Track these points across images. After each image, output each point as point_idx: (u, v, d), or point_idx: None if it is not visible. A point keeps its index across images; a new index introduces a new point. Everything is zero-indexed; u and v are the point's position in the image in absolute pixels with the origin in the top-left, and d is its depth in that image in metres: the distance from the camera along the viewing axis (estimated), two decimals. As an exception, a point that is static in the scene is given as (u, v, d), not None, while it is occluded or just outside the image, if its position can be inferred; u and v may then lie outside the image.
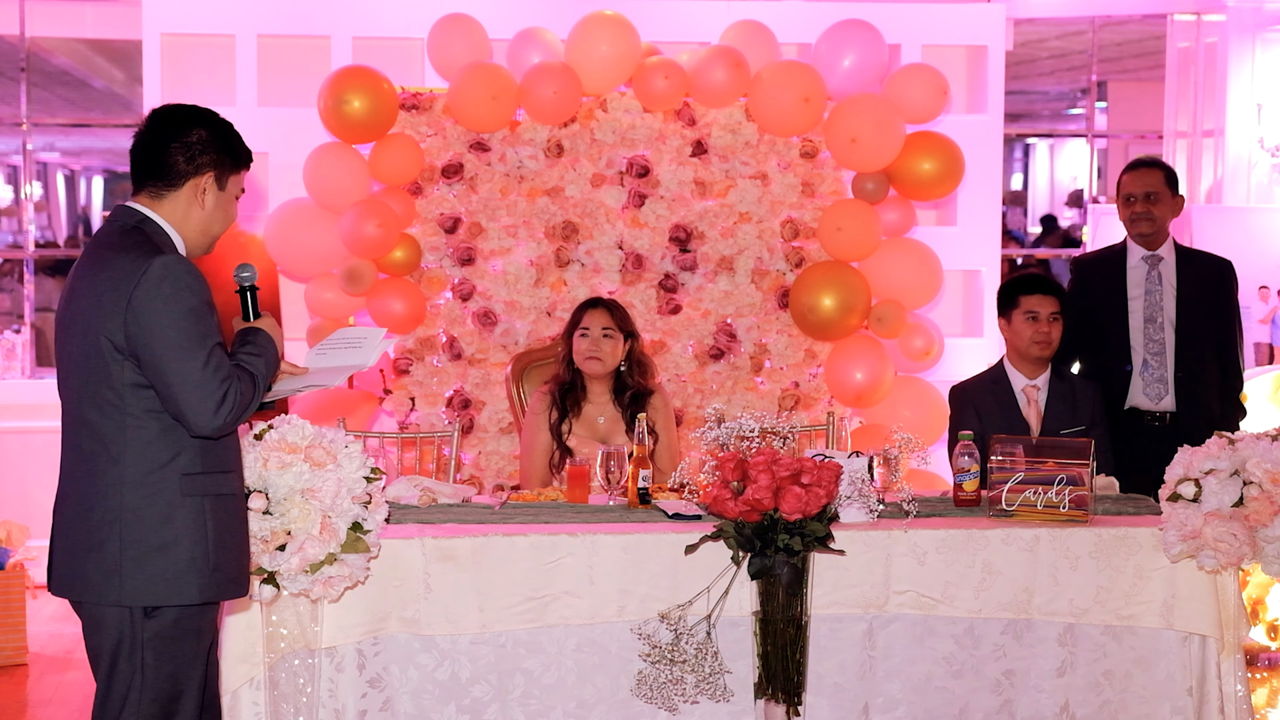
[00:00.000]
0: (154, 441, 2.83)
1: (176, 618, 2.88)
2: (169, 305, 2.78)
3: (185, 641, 2.90)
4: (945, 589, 3.69)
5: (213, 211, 2.98)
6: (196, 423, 2.80)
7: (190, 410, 2.79)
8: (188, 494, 2.85)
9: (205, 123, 2.98)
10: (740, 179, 5.97)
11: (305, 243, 5.78)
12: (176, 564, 2.83)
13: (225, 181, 2.99)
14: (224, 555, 2.91)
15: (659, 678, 3.42)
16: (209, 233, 3.00)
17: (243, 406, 2.86)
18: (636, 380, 4.65)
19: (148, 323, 2.78)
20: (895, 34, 6.58)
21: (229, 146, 2.99)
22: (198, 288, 2.82)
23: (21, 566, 5.54)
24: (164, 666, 2.87)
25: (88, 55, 9.94)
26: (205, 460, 2.88)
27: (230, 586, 2.96)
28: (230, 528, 2.94)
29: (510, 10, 6.29)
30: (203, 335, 2.80)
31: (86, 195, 17.67)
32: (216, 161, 2.96)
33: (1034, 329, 4.55)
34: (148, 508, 2.82)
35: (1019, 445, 3.87)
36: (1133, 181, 4.84)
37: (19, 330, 7.15)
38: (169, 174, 2.93)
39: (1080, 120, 14.14)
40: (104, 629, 2.87)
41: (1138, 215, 4.82)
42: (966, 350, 6.67)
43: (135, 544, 2.82)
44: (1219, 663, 3.74)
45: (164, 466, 2.83)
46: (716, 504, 3.43)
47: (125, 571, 2.82)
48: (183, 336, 2.78)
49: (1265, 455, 3.66)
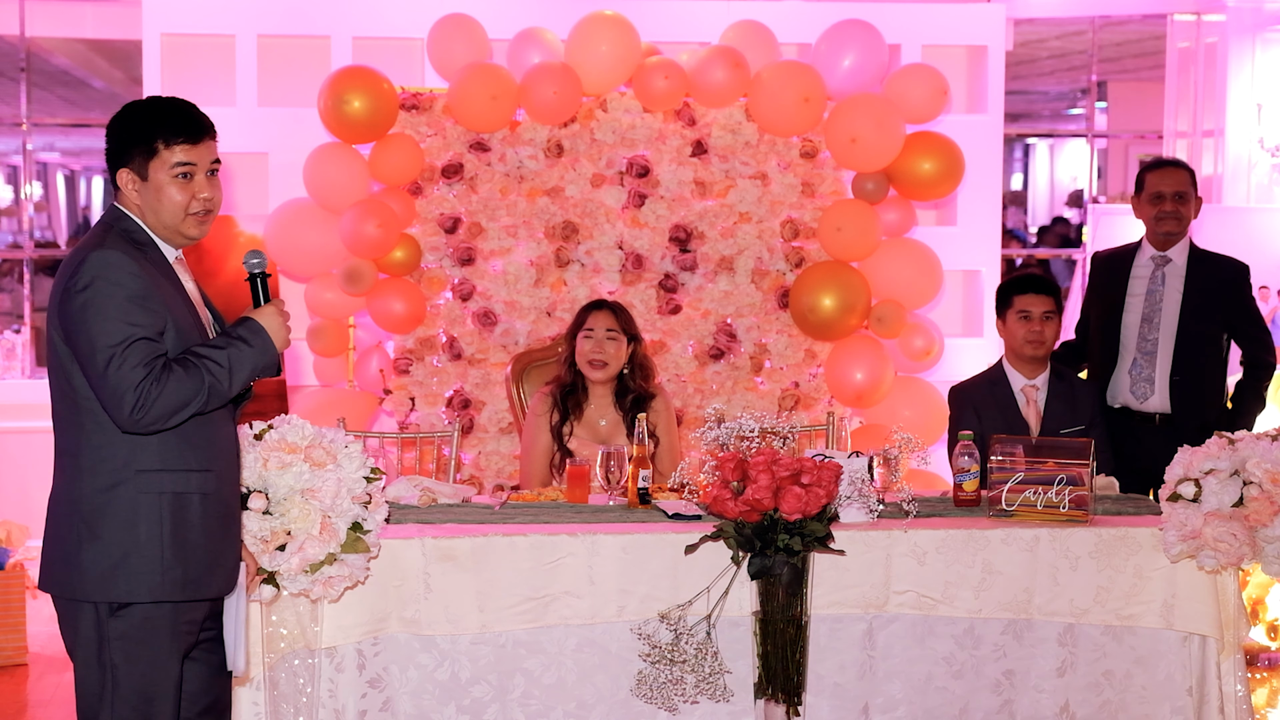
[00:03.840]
0: (112, 439, 2.80)
1: (144, 617, 2.83)
2: (91, 301, 2.75)
3: (155, 642, 2.85)
4: (945, 589, 3.69)
5: (150, 201, 2.89)
6: (117, 420, 2.75)
7: (108, 407, 2.75)
8: (144, 492, 2.81)
9: (115, 119, 2.93)
10: (740, 179, 5.97)
11: (305, 243, 5.78)
12: (134, 562, 2.80)
13: (146, 169, 2.88)
14: (183, 555, 2.84)
15: (659, 678, 3.42)
16: (164, 223, 2.90)
17: (173, 404, 2.75)
18: (639, 384, 4.63)
19: (73, 319, 2.77)
20: (895, 34, 6.58)
21: (128, 137, 2.89)
22: (125, 281, 2.76)
23: (21, 566, 5.54)
24: (134, 667, 2.83)
25: (88, 55, 9.94)
26: (164, 458, 2.83)
27: (189, 587, 2.87)
28: (192, 527, 2.86)
29: (510, 10, 6.29)
30: (121, 331, 2.73)
31: (86, 195, 17.68)
32: (123, 155, 2.90)
33: (1027, 328, 4.55)
34: (106, 505, 2.81)
35: (1019, 445, 3.87)
36: (1163, 180, 4.81)
37: (19, 330, 7.15)
38: (110, 174, 2.94)
39: (1080, 120, 14.14)
40: (72, 626, 2.86)
41: (1166, 214, 4.79)
42: (966, 350, 6.68)
43: (95, 541, 2.80)
44: (1219, 663, 3.74)
45: (124, 465, 2.80)
46: (716, 504, 3.43)
47: (86, 568, 2.81)
48: (98, 333, 2.74)
49: (1265, 455, 3.66)
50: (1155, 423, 4.77)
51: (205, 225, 2.96)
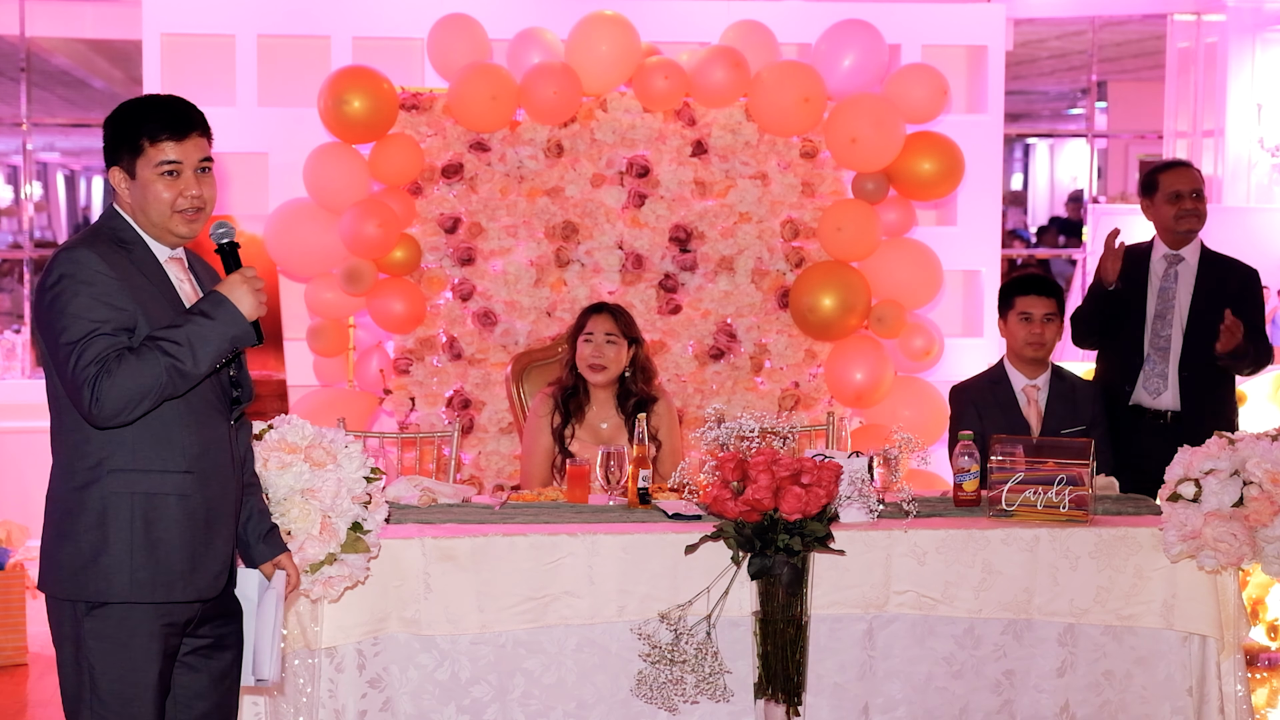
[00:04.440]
0: (88, 437, 2.80)
1: (120, 617, 2.80)
2: (57, 299, 2.75)
3: (132, 643, 2.81)
4: (945, 589, 3.69)
5: (139, 199, 2.87)
6: (85, 419, 2.76)
7: (75, 406, 2.76)
8: (116, 491, 2.80)
9: (108, 118, 2.92)
10: (740, 179, 5.97)
11: (305, 243, 5.78)
12: (104, 562, 2.79)
13: (134, 167, 2.86)
14: (155, 556, 2.81)
15: (659, 678, 3.42)
16: (153, 221, 2.88)
17: (129, 392, 2.70)
18: (640, 387, 4.61)
19: (42, 317, 2.78)
20: (895, 34, 6.58)
21: (117, 135, 2.87)
22: (90, 278, 2.75)
23: (21, 566, 5.55)
24: (110, 667, 2.80)
25: (88, 55, 9.94)
26: (138, 458, 2.81)
27: (161, 589, 2.82)
28: (167, 528, 2.82)
29: (510, 10, 6.29)
30: (81, 328, 2.72)
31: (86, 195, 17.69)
32: (114, 154, 2.89)
33: (1027, 330, 4.56)
34: (79, 503, 2.80)
35: (1019, 445, 3.87)
36: (1179, 179, 4.86)
37: (19, 330, 7.16)
38: (107, 170, 2.93)
39: (1080, 120, 14.15)
40: (56, 624, 2.86)
41: (1187, 212, 4.83)
42: (966, 350, 6.68)
43: (68, 539, 2.80)
44: (1219, 663, 3.74)
45: (97, 463, 2.80)
46: (716, 504, 3.43)
47: (62, 565, 2.81)
48: (61, 329, 2.73)
49: (1265, 455, 3.66)
50: (1165, 421, 4.77)
51: (196, 224, 2.92)
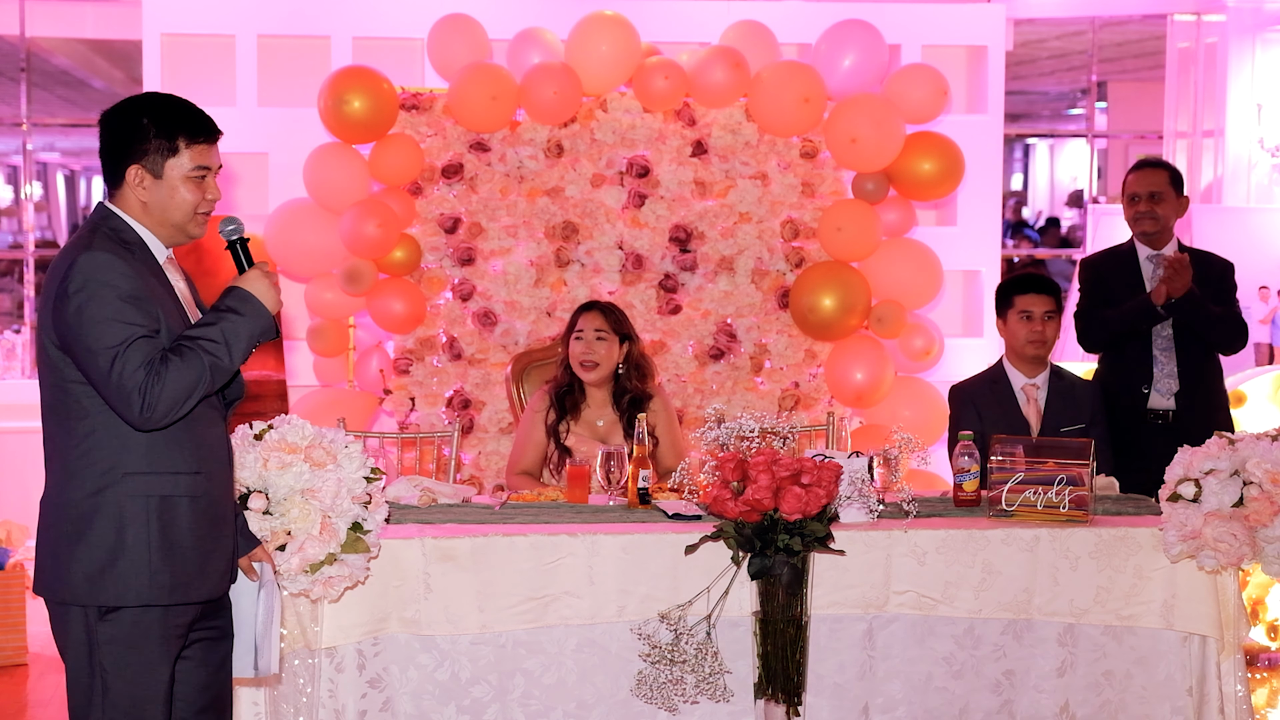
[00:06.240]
0: (99, 442, 2.80)
1: (133, 621, 2.81)
2: (86, 304, 2.74)
3: (145, 646, 2.83)
4: (945, 589, 3.68)
5: (160, 199, 2.88)
6: (129, 421, 2.76)
7: (118, 409, 2.76)
8: (132, 495, 2.80)
9: (125, 113, 2.89)
10: (740, 179, 5.97)
11: (305, 243, 5.78)
12: (121, 566, 2.79)
13: (161, 167, 2.86)
14: (171, 558, 2.82)
15: (659, 678, 3.42)
16: (169, 221, 2.89)
17: (178, 393, 2.74)
18: (635, 384, 4.60)
19: (68, 323, 2.75)
20: (895, 34, 6.59)
21: (145, 132, 2.86)
22: (117, 281, 2.75)
23: (21, 566, 5.55)
24: (124, 670, 2.81)
25: (88, 55, 9.94)
26: (151, 461, 2.81)
27: (178, 591, 2.84)
28: (180, 530, 2.84)
29: (510, 10, 6.29)
30: (119, 332, 2.72)
31: (86, 195, 17.67)
32: (135, 151, 2.87)
33: (1028, 328, 4.56)
34: (94, 509, 2.79)
35: (1019, 445, 3.86)
36: (1137, 181, 4.88)
37: (19, 330, 7.16)
38: (109, 169, 2.91)
39: (1080, 120, 14.14)
40: (62, 629, 2.85)
41: (1141, 214, 4.85)
42: (966, 350, 6.68)
43: (83, 545, 2.79)
44: (1219, 663, 3.73)
45: (110, 468, 2.79)
46: (716, 504, 3.43)
47: (74, 571, 2.79)
48: (97, 336, 2.73)
49: (1265, 455, 3.66)
50: (1168, 420, 4.77)
51: (205, 224, 2.98)
